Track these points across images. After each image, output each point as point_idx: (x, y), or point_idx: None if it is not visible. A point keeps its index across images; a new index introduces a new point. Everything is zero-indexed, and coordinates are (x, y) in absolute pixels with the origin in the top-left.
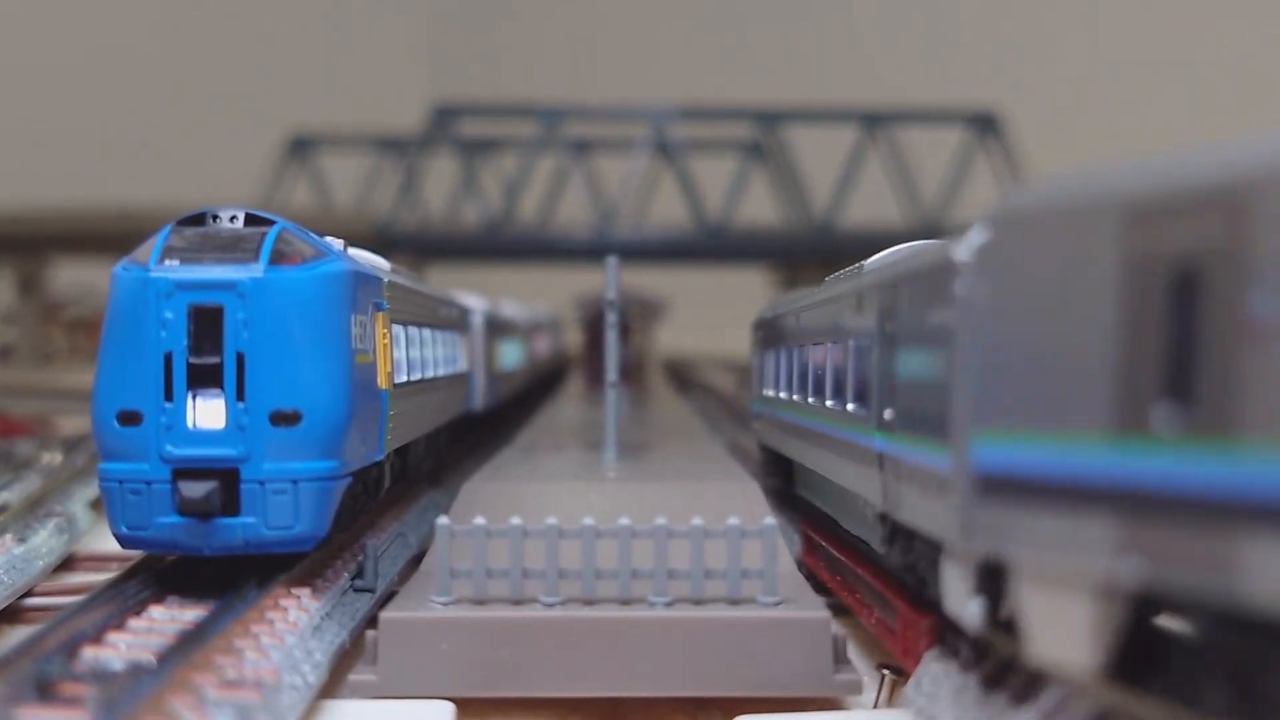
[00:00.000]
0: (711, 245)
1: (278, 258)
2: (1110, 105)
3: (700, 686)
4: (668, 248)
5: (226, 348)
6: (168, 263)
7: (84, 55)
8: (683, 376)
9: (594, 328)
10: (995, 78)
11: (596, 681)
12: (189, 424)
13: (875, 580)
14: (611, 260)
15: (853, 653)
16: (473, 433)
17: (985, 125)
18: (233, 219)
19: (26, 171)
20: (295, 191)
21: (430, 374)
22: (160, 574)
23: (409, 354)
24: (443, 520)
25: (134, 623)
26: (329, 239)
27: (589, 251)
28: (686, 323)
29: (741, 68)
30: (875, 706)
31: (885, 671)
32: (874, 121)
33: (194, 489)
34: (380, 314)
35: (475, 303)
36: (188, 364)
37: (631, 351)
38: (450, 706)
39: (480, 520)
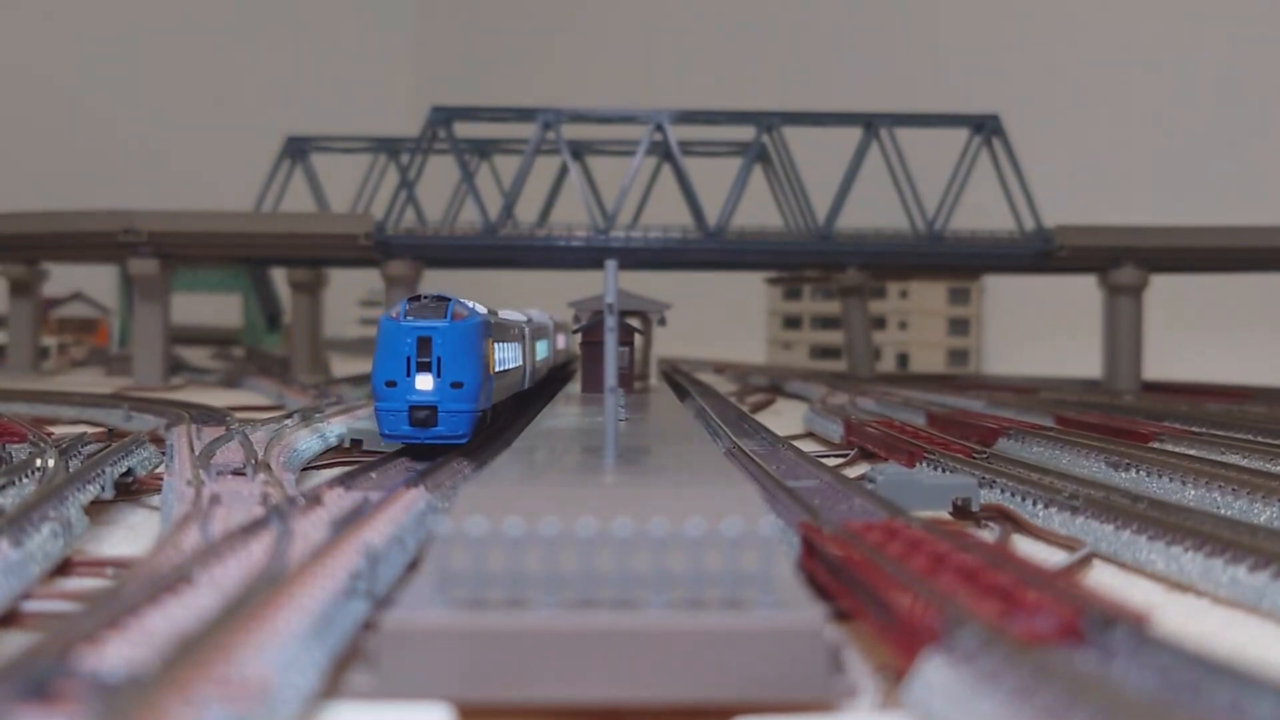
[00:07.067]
0: (711, 249)
1: (454, 316)
2: (1110, 106)
3: (697, 692)
4: (667, 252)
5: (433, 354)
6: (408, 318)
7: (80, 59)
8: (682, 380)
9: (591, 334)
10: (996, 81)
11: (593, 686)
12: (416, 387)
13: (873, 581)
14: (610, 264)
15: (852, 658)
16: (520, 407)
17: (988, 128)
18: (433, 298)
19: (19, 174)
20: (291, 193)
21: (506, 367)
22: (158, 576)
23: (498, 356)
24: (441, 524)
25: (131, 625)
26: (470, 303)
27: (588, 256)
28: (686, 327)
29: (744, 71)
30: (872, 711)
31: (883, 676)
32: (876, 124)
33: (420, 414)
34: (490, 339)
35: (520, 317)
36: (416, 361)
37: (631, 356)
38: (448, 710)
39: (479, 524)
